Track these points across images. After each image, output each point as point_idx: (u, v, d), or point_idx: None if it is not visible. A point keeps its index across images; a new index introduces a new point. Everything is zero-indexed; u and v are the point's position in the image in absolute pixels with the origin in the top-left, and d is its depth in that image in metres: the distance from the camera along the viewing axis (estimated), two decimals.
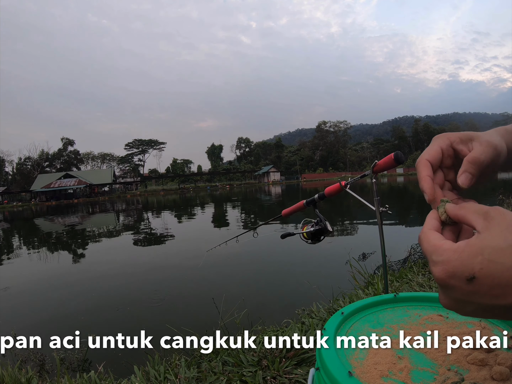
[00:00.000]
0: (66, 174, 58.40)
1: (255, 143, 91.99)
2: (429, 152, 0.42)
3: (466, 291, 0.29)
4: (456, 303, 0.32)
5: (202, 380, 1.56)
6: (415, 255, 3.63)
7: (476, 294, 0.29)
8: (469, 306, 0.31)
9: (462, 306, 0.31)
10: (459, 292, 0.30)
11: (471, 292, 0.29)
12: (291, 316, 2.42)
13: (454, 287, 0.30)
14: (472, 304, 0.30)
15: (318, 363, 0.49)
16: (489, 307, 0.29)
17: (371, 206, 1.07)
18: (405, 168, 69.62)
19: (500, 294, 0.28)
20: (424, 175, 0.41)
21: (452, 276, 0.30)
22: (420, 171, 0.41)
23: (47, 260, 7.67)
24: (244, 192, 40.99)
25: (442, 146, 0.42)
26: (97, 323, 3.61)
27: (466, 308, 0.31)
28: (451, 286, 0.30)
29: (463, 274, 0.29)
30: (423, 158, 0.42)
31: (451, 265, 0.30)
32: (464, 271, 0.29)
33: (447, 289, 0.31)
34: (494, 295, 0.28)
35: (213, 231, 10.19)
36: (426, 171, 0.41)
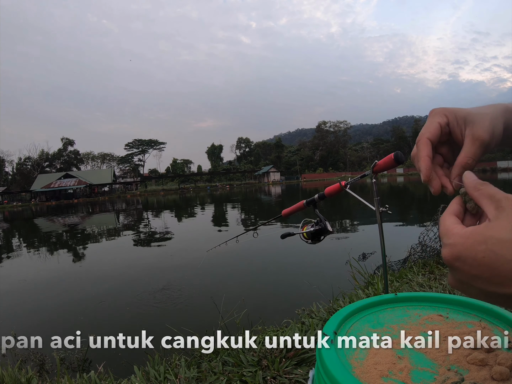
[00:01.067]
0: (66, 174, 58.37)
1: (255, 143, 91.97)
2: (430, 129, 0.42)
3: (469, 274, 0.31)
4: (460, 284, 0.33)
5: (202, 380, 1.56)
6: (415, 255, 3.63)
7: (478, 279, 0.31)
8: (472, 289, 0.32)
9: (466, 288, 0.33)
10: (462, 275, 0.32)
11: (474, 276, 0.31)
12: (291, 316, 2.42)
13: (458, 269, 0.32)
14: (474, 288, 0.32)
15: (318, 363, 0.49)
16: (490, 294, 0.31)
17: (371, 206, 1.07)
18: (405, 168, 69.55)
19: (500, 283, 0.29)
20: (424, 155, 0.41)
21: (456, 259, 0.32)
22: (420, 149, 0.42)
23: (47, 260, 7.67)
24: (244, 192, 40.98)
25: (441, 123, 0.43)
26: (97, 323, 3.61)
27: (469, 290, 0.33)
28: (456, 268, 0.32)
29: (467, 259, 0.31)
30: (424, 136, 0.42)
31: (457, 249, 0.32)
32: (468, 255, 0.31)
33: (453, 270, 0.33)
34: (494, 283, 0.30)
35: (213, 231, 10.19)
36: (426, 151, 0.42)
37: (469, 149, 0.40)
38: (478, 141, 0.40)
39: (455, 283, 0.34)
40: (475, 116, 0.41)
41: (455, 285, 0.34)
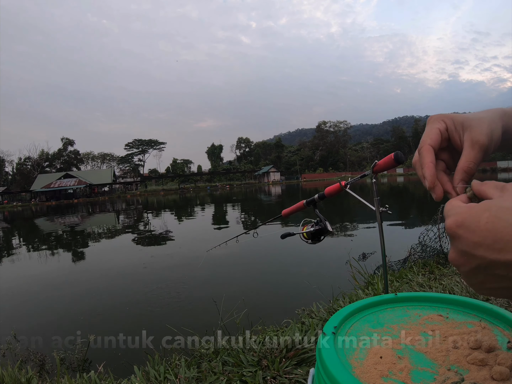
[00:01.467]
0: (66, 174, 58.36)
1: (255, 143, 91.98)
2: (431, 136, 0.43)
3: (471, 242, 0.31)
4: (461, 256, 0.33)
5: (202, 380, 1.56)
6: (415, 255, 3.63)
7: (480, 246, 0.31)
8: (473, 260, 0.32)
9: (467, 259, 0.33)
10: (465, 243, 0.32)
11: (476, 244, 0.31)
12: (291, 316, 2.42)
13: (461, 237, 0.32)
14: (476, 258, 0.32)
15: (318, 363, 0.49)
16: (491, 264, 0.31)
17: (371, 206, 1.07)
18: (405, 168, 69.49)
19: (502, 248, 0.29)
20: (428, 161, 0.42)
21: (460, 226, 0.32)
22: (423, 156, 0.43)
23: (47, 260, 7.67)
24: (244, 192, 40.98)
25: (440, 129, 0.43)
26: (97, 323, 3.61)
27: (470, 262, 0.33)
28: (458, 235, 0.33)
29: (470, 225, 0.31)
30: (425, 143, 0.43)
31: (461, 217, 0.33)
32: (471, 221, 0.32)
33: (455, 240, 0.33)
34: (496, 249, 0.30)
35: (213, 231, 10.19)
36: (429, 157, 0.42)
37: (469, 153, 0.41)
38: (477, 145, 0.40)
39: (456, 256, 0.34)
40: (472, 120, 0.42)
41: (456, 257, 0.34)
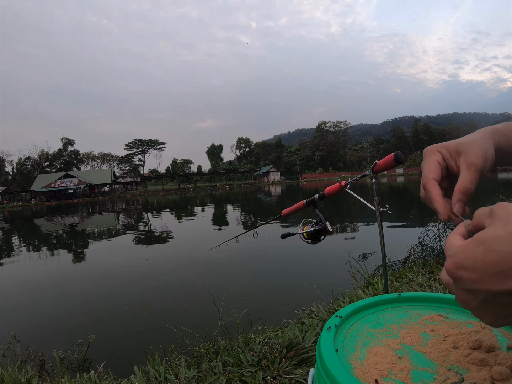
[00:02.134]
0: (66, 174, 58.38)
1: (255, 143, 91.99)
2: (431, 170, 0.45)
3: (473, 280, 0.31)
4: (467, 294, 0.34)
5: (202, 380, 1.56)
6: (415, 255, 3.63)
7: (482, 281, 0.31)
8: (479, 296, 0.32)
9: (473, 295, 0.33)
10: (468, 283, 0.32)
11: (478, 280, 0.31)
12: (291, 316, 2.42)
13: (461, 278, 0.33)
14: (481, 292, 0.32)
15: (318, 363, 0.49)
16: (497, 294, 0.31)
17: (371, 206, 1.07)
18: (405, 168, 69.57)
19: (503, 279, 0.29)
20: (436, 196, 0.43)
21: (458, 267, 0.32)
22: (430, 192, 0.44)
23: (47, 260, 7.67)
24: (244, 192, 40.98)
25: (438, 160, 0.45)
26: (97, 323, 3.61)
27: (477, 297, 0.33)
28: (459, 277, 0.33)
29: (468, 265, 0.32)
30: (429, 178, 0.45)
31: (457, 257, 0.33)
32: (469, 261, 0.32)
33: (457, 281, 0.33)
34: (499, 281, 0.30)
35: (213, 231, 10.19)
36: (437, 191, 0.43)
37: (465, 175, 0.42)
38: (473, 167, 0.42)
39: (462, 294, 0.34)
40: (465, 145, 0.44)
41: (462, 296, 0.34)
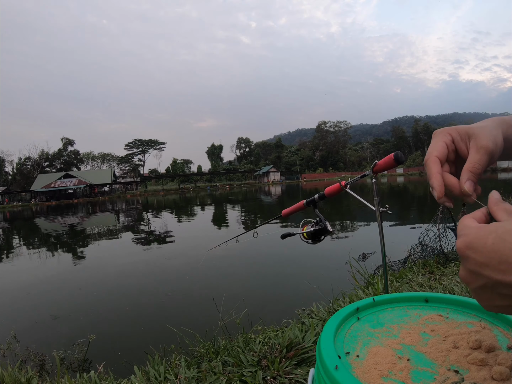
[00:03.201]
0: (66, 174, 58.36)
1: (255, 143, 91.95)
2: (437, 148, 0.44)
3: (478, 262, 0.33)
4: (470, 275, 0.35)
5: (202, 380, 1.56)
6: (415, 255, 3.63)
7: (486, 266, 0.32)
8: (480, 279, 0.34)
9: (475, 278, 0.35)
10: (473, 263, 0.34)
11: (483, 264, 0.33)
12: (291, 316, 2.42)
13: (469, 258, 0.34)
14: (482, 277, 0.33)
15: (318, 363, 0.49)
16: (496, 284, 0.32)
17: (371, 206, 1.07)
18: (405, 168, 69.55)
19: (506, 270, 0.31)
20: (435, 172, 0.43)
21: (468, 247, 0.34)
22: (430, 167, 0.43)
23: (46, 260, 7.67)
24: (244, 192, 40.97)
25: (446, 141, 0.44)
26: (97, 323, 3.61)
27: (477, 281, 0.34)
28: (467, 256, 0.34)
29: (477, 247, 0.33)
30: (432, 155, 0.44)
31: (469, 238, 0.34)
32: (478, 243, 0.33)
33: (464, 260, 0.35)
34: (501, 270, 0.31)
35: (213, 231, 10.19)
36: (436, 168, 0.43)
37: (474, 156, 0.42)
38: (482, 149, 0.42)
39: (465, 274, 0.36)
40: (476, 129, 0.44)
41: (465, 276, 0.36)
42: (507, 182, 22.88)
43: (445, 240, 3.62)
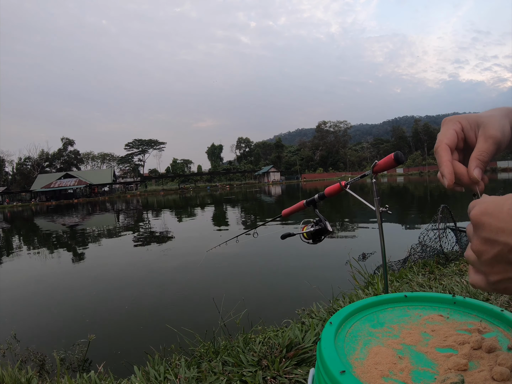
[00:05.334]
0: (66, 174, 58.35)
1: (255, 143, 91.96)
2: (447, 136, 0.44)
3: (494, 227, 0.33)
4: (484, 242, 0.34)
5: (202, 380, 1.56)
6: (415, 255, 3.63)
7: (503, 231, 0.32)
8: (496, 246, 0.33)
9: (489, 246, 0.34)
10: (488, 229, 0.33)
11: (499, 230, 0.32)
12: (291, 316, 2.42)
13: (484, 224, 0.34)
14: (498, 244, 0.33)
15: (318, 363, 0.49)
16: (511, 250, 0.32)
17: (371, 206, 1.07)
18: (405, 168, 69.57)
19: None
20: (446, 160, 0.43)
21: (484, 213, 0.34)
22: (441, 155, 0.44)
23: (46, 260, 7.67)
24: (244, 192, 40.97)
25: (456, 129, 0.45)
26: (97, 323, 3.61)
27: (493, 248, 0.33)
28: (482, 222, 0.34)
29: (494, 212, 0.33)
30: (442, 142, 0.44)
31: (485, 205, 0.34)
32: (495, 208, 0.33)
33: (479, 227, 0.34)
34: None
35: (213, 231, 10.18)
36: (447, 156, 0.43)
37: (482, 145, 0.42)
38: (490, 139, 0.42)
39: (479, 243, 0.35)
40: (485, 118, 0.44)
41: (479, 245, 0.35)
42: (507, 182, 22.88)
43: (445, 240, 3.62)
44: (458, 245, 3.70)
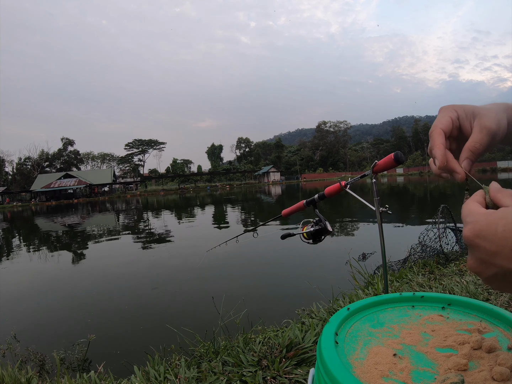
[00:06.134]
0: (66, 174, 58.35)
1: (255, 143, 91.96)
2: (442, 121, 0.45)
3: (489, 251, 0.31)
4: (480, 264, 0.34)
5: (202, 380, 1.56)
6: (415, 255, 3.63)
7: (498, 255, 0.31)
8: (491, 269, 0.32)
9: (485, 268, 0.33)
10: (483, 252, 0.32)
11: (494, 253, 0.31)
12: (291, 316, 2.42)
13: (478, 247, 0.33)
14: (494, 266, 0.32)
15: (318, 363, 0.49)
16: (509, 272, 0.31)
17: (371, 206, 1.07)
18: (405, 168, 69.56)
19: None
20: (438, 143, 0.43)
21: (477, 235, 0.32)
22: (434, 138, 0.44)
23: (46, 260, 7.67)
24: (244, 192, 40.97)
25: (452, 117, 0.45)
26: (97, 323, 3.61)
27: (488, 270, 0.33)
28: (476, 245, 0.33)
29: (487, 235, 0.31)
30: (437, 127, 0.45)
31: (478, 225, 0.33)
32: (489, 231, 0.31)
33: (473, 249, 0.34)
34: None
35: (213, 231, 10.18)
36: (440, 139, 0.44)
37: (477, 136, 0.42)
38: (485, 130, 0.42)
39: (475, 264, 0.34)
40: (481, 109, 0.45)
41: (474, 266, 0.34)
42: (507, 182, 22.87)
43: (445, 240, 3.62)
44: (458, 245, 3.70)
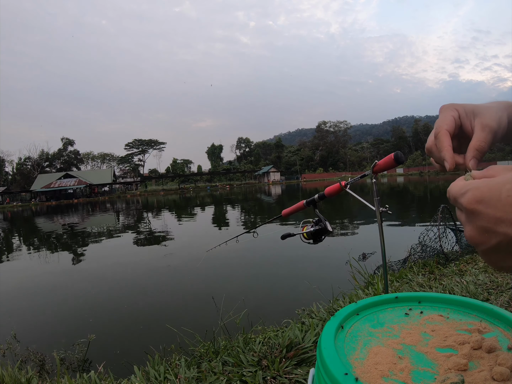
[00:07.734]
0: (66, 174, 58.36)
1: (255, 143, 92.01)
2: (446, 122, 0.45)
3: (493, 218, 0.29)
4: (481, 233, 0.31)
5: (202, 380, 1.56)
6: (415, 255, 3.63)
7: (502, 222, 0.28)
8: (494, 237, 0.30)
9: (488, 237, 0.30)
10: (486, 219, 0.30)
11: (498, 220, 0.29)
12: (291, 316, 2.42)
13: (481, 213, 0.30)
14: (497, 234, 0.29)
15: (318, 363, 0.49)
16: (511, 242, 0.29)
17: (371, 206, 1.07)
18: (405, 168, 69.58)
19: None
20: (446, 145, 0.44)
21: (480, 201, 0.30)
22: (441, 140, 0.44)
23: (47, 260, 7.67)
24: (244, 192, 40.97)
25: (454, 116, 0.46)
26: (97, 323, 3.61)
27: (491, 239, 0.30)
28: (478, 212, 0.30)
29: (491, 200, 0.29)
30: (442, 128, 0.45)
31: (480, 191, 0.30)
32: (492, 196, 0.29)
33: (474, 216, 0.31)
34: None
35: (213, 231, 10.18)
36: (447, 141, 0.44)
37: (479, 135, 0.43)
38: (487, 128, 0.43)
39: (475, 233, 0.31)
40: (482, 108, 0.45)
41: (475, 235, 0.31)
42: None
43: (445, 240, 3.62)
44: (458, 245, 3.70)
